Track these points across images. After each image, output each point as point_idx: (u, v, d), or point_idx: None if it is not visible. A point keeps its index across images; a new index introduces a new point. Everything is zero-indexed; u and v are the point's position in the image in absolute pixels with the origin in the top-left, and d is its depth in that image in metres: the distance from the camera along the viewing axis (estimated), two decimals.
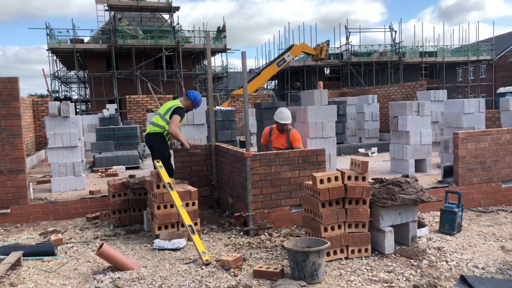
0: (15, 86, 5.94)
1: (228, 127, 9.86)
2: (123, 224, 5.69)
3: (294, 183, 5.25)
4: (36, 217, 6.09)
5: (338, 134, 11.57)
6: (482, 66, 38.28)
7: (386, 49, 32.08)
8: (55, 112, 7.27)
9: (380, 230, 4.34)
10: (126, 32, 25.00)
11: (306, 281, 3.65)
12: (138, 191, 5.72)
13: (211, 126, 6.50)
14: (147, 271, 4.04)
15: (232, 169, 5.77)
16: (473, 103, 8.20)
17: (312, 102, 8.15)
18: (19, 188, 6.01)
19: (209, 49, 6.65)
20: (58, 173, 7.30)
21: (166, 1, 26.35)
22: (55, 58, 27.31)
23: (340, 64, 31.36)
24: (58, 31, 25.26)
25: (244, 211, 5.23)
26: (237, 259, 4.09)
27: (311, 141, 7.45)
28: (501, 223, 5.45)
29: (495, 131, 6.34)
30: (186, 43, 27.03)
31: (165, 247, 4.64)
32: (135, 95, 19.36)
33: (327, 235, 4.13)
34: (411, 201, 4.38)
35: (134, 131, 12.13)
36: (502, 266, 4.01)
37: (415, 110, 7.95)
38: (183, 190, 5.00)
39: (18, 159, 5.97)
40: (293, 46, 22.17)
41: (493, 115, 13.04)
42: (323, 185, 4.11)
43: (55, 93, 26.94)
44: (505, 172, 6.35)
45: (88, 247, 4.88)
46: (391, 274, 3.84)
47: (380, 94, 17.71)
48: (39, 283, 3.90)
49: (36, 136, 14.18)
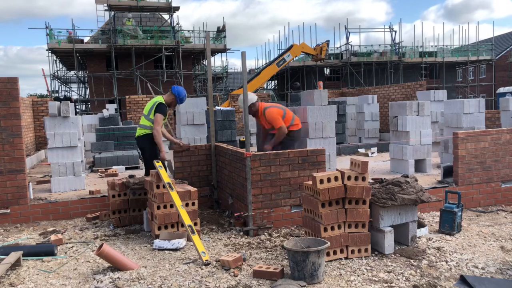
0: (15, 86, 5.94)
1: (228, 127, 9.85)
2: (123, 224, 5.69)
3: (294, 183, 5.25)
4: (36, 217, 6.08)
5: (338, 134, 11.58)
6: (482, 66, 38.31)
7: (386, 49, 32.09)
8: (55, 112, 7.27)
9: (380, 230, 4.34)
10: (126, 32, 25.00)
11: (306, 281, 3.66)
12: (138, 191, 5.72)
13: (211, 126, 6.49)
14: (147, 271, 4.04)
15: (232, 169, 5.77)
16: (473, 103, 8.20)
17: (312, 102, 8.15)
18: (19, 188, 6.01)
19: (209, 49, 6.65)
20: (58, 173, 7.30)
21: (166, 1, 26.35)
22: (55, 58, 27.31)
23: (340, 64, 31.37)
24: (58, 31, 25.28)
25: (244, 211, 5.23)
26: (237, 259, 4.09)
27: (311, 141, 7.46)
28: (501, 223, 5.45)
29: (495, 131, 6.34)
30: (186, 43, 27.04)
31: (165, 247, 4.64)
32: (135, 95, 19.35)
33: (327, 235, 4.13)
34: (411, 201, 4.38)
35: (134, 131, 12.09)
36: (502, 266, 4.01)
37: (415, 110, 7.95)
38: (183, 190, 5.00)
39: (18, 159, 5.97)
40: (293, 46, 22.16)
41: (493, 115, 13.04)
42: (323, 185, 4.11)
43: (55, 93, 26.94)
44: (505, 172, 6.35)
45: (88, 247, 4.88)
46: (391, 274, 3.84)
47: (380, 94, 17.71)
48: (39, 283, 3.90)
49: (36, 136, 14.18)
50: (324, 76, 33.42)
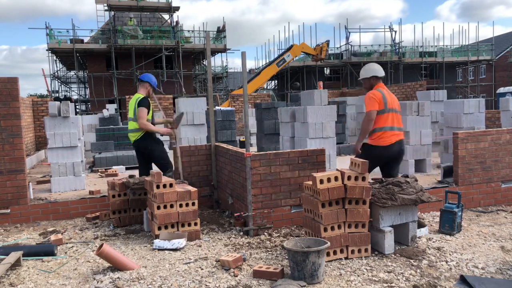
0: (15, 86, 5.94)
1: (228, 127, 9.87)
2: (123, 224, 5.69)
3: (294, 183, 5.25)
4: (36, 217, 6.08)
5: (338, 134, 11.58)
6: (482, 66, 38.32)
7: (386, 49, 32.10)
8: (55, 112, 7.28)
9: (380, 230, 4.34)
10: (126, 32, 25.01)
11: (306, 281, 3.65)
12: (138, 191, 5.72)
13: (211, 126, 6.49)
14: (147, 271, 4.04)
15: (232, 169, 5.77)
16: (473, 103, 8.20)
17: (312, 102, 8.16)
18: (19, 188, 6.01)
19: (209, 49, 6.65)
20: (58, 173, 7.30)
21: (166, 1, 26.35)
22: (55, 58, 27.32)
23: (340, 64, 31.38)
24: (57, 31, 25.29)
25: (244, 211, 5.23)
26: (237, 259, 4.09)
27: (311, 141, 7.46)
28: (501, 223, 5.45)
29: (495, 131, 6.34)
30: (186, 43, 27.05)
31: (165, 247, 4.64)
32: None
33: (327, 235, 4.13)
34: (411, 201, 4.38)
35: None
36: (502, 266, 4.01)
37: (415, 110, 7.96)
38: (183, 190, 5.00)
39: (17, 159, 5.97)
40: (293, 46, 22.18)
41: (493, 115, 13.06)
42: (323, 185, 4.11)
43: (55, 93, 26.95)
44: (505, 172, 6.35)
45: (88, 247, 4.88)
46: (391, 274, 3.84)
47: None
48: (39, 283, 3.90)
49: (36, 136, 14.18)
50: (324, 76, 33.44)
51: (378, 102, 5.06)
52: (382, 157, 5.03)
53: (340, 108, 12.68)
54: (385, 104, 5.08)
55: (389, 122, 5.07)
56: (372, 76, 5.31)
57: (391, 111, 5.12)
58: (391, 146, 5.02)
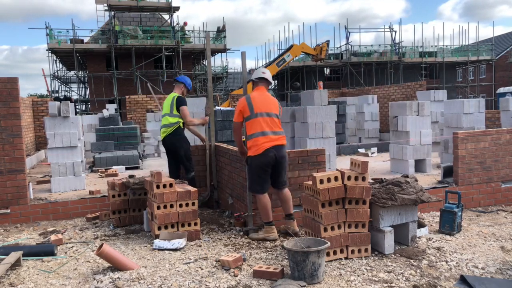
0: (15, 86, 5.94)
1: (228, 127, 9.85)
2: (123, 224, 5.69)
3: (294, 183, 5.25)
4: (36, 217, 6.09)
5: (338, 134, 11.57)
6: (482, 66, 38.31)
7: (386, 49, 32.09)
8: (55, 112, 7.27)
9: (380, 230, 4.34)
10: (126, 32, 25.01)
11: (306, 281, 3.65)
12: (138, 191, 5.72)
13: (211, 126, 6.49)
14: (147, 271, 4.04)
15: (232, 169, 5.76)
16: (473, 103, 8.20)
17: (312, 102, 8.16)
18: (19, 188, 6.01)
19: (209, 49, 6.65)
20: (58, 173, 7.30)
21: (166, 1, 26.35)
22: (55, 58, 27.32)
23: (340, 64, 31.37)
24: (57, 31, 25.28)
25: (244, 211, 5.22)
26: (237, 259, 4.09)
27: (311, 141, 7.46)
28: (501, 223, 5.45)
29: (495, 131, 6.34)
30: (186, 43, 27.04)
31: (165, 247, 4.64)
32: (135, 95, 19.36)
33: (327, 235, 4.13)
34: (411, 201, 4.38)
35: (134, 131, 12.13)
36: (502, 266, 4.01)
37: (415, 110, 7.96)
38: (183, 190, 5.00)
39: (17, 159, 5.97)
40: (293, 46, 22.14)
41: (493, 115, 13.06)
42: (323, 185, 4.11)
43: (55, 93, 26.94)
44: (505, 172, 6.35)
45: (88, 247, 4.88)
46: (391, 274, 3.84)
47: (380, 94, 17.72)
48: (39, 283, 3.90)
49: (36, 136, 14.18)
50: (324, 76, 33.43)
51: (240, 110, 4.87)
52: (262, 166, 4.74)
53: (340, 108, 12.69)
54: (251, 110, 4.80)
55: (259, 127, 4.75)
56: (251, 80, 5.17)
57: (261, 115, 4.78)
58: (265, 154, 4.70)
